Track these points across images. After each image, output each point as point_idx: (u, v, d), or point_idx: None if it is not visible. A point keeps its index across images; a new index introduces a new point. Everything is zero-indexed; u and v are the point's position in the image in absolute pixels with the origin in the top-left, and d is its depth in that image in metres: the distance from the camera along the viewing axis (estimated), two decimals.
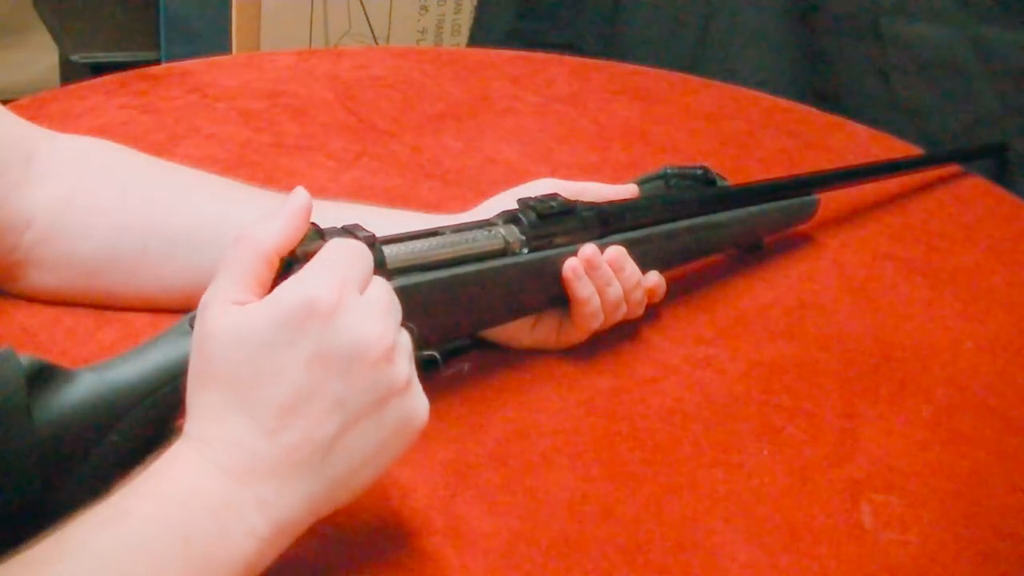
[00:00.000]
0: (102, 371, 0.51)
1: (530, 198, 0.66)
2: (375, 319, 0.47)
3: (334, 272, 0.48)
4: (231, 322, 0.46)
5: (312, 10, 1.82)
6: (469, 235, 0.63)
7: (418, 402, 0.49)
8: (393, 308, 0.49)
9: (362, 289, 0.49)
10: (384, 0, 1.86)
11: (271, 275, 0.49)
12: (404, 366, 0.48)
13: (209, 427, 0.46)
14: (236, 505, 0.44)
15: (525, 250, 0.65)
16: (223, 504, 0.44)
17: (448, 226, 0.63)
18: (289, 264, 0.53)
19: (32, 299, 0.68)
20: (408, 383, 0.48)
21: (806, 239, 0.89)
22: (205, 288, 0.61)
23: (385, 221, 0.61)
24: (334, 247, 0.50)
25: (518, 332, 0.69)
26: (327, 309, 0.46)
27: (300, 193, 0.51)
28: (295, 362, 0.46)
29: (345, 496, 0.48)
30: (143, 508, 0.44)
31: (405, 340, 0.50)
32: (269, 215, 0.50)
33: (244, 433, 0.45)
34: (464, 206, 0.72)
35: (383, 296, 0.49)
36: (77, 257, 0.66)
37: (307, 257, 0.50)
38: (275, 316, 0.46)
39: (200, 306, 0.48)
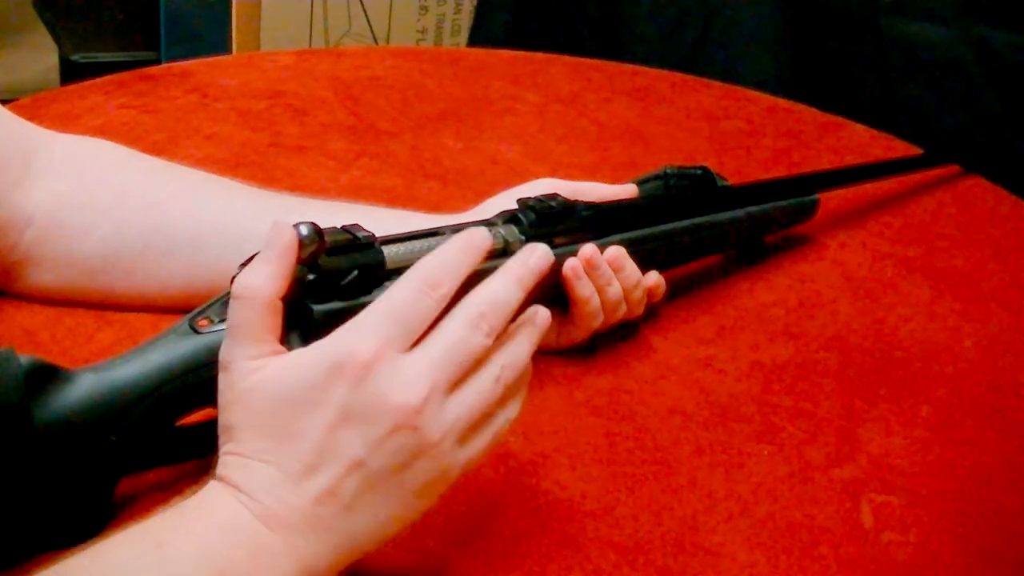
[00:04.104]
0: (102, 371, 0.51)
1: (530, 198, 0.66)
2: (404, 384, 0.46)
3: (378, 329, 0.46)
4: (260, 378, 0.47)
5: (312, 10, 1.82)
6: None
7: (450, 459, 0.47)
8: (442, 364, 0.46)
9: (410, 343, 0.47)
10: (384, 0, 1.86)
11: (279, 319, 0.49)
12: (435, 427, 0.46)
13: (240, 474, 0.46)
14: (269, 548, 0.45)
15: None
16: (258, 546, 0.45)
17: (448, 226, 0.63)
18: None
19: (32, 299, 0.68)
20: (439, 442, 0.46)
21: (806, 239, 0.89)
22: (205, 288, 0.61)
23: (385, 221, 0.61)
24: (396, 294, 0.47)
25: None
26: (356, 371, 0.45)
27: (283, 230, 0.50)
28: (319, 422, 0.46)
29: (371, 546, 0.48)
30: (180, 541, 0.44)
31: (453, 407, 0.47)
32: (259, 259, 0.49)
33: (273, 483, 0.46)
34: (464, 206, 0.72)
35: (432, 356, 0.47)
36: (77, 256, 0.66)
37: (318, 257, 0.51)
38: (304, 375, 0.46)
39: (220, 365, 0.48)
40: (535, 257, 0.51)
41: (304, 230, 0.51)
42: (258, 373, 0.47)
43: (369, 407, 0.45)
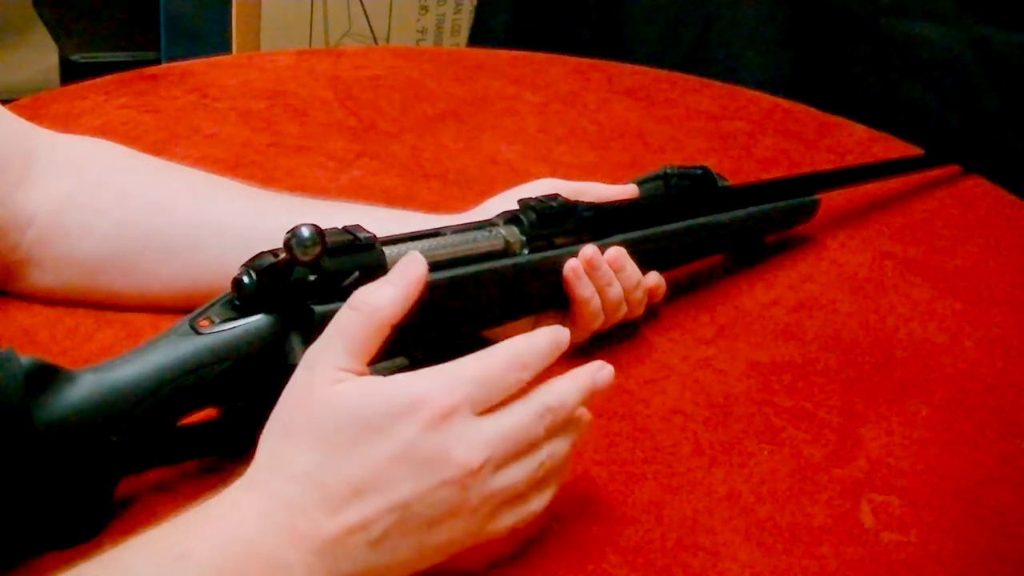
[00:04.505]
0: (102, 371, 0.51)
1: (530, 198, 0.66)
2: (470, 444, 0.48)
3: (464, 386, 0.48)
4: (340, 391, 0.48)
5: (312, 10, 1.82)
6: (470, 236, 0.63)
7: (477, 527, 0.49)
8: (503, 440, 0.49)
9: (484, 408, 0.49)
10: (384, 0, 1.86)
11: (381, 343, 0.50)
12: (479, 493, 0.48)
13: (280, 484, 0.47)
14: (287, 567, 0.45)
15: (526, 251, 0.65)
16: (278, 564, 0.45)
17: (449, 227, 0.63)
18: (274, 265, 0.53)
19: (32, 299, 0.68)
20: (477, 508, 0.48)
21: (806, 239, 0.89)
22: (206, 288, 0.61)
23: (385, 222, 0.61)
24: (491, 361, 0.50)
25: (518, 332, 0.68)
26: (430, 417, 0.47)
27: (418, 262, 0.52)
28: (380, 450, 0.47)
29: None
30: (200, 553, 0.44)
31: (499, 479, 0.49)
32: (386, 281, 0.51)
33: (312, 502, 0.46)
34: (464, 206, 0.72)
35: (500, 429, 0.49)
36: (77, 256, 0.66)
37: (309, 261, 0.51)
38: (382, 402, 0.47)
39: (307, 362, 0.49)
40: (603, 375, 0.54)
41: (305, 231, 0.51)
42: (339, 385, 0.48)
43: (431, 453, 0.47)
